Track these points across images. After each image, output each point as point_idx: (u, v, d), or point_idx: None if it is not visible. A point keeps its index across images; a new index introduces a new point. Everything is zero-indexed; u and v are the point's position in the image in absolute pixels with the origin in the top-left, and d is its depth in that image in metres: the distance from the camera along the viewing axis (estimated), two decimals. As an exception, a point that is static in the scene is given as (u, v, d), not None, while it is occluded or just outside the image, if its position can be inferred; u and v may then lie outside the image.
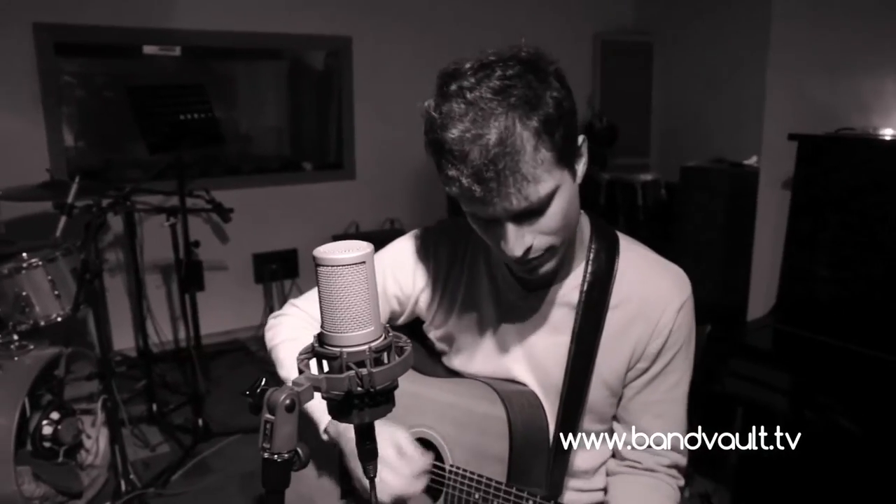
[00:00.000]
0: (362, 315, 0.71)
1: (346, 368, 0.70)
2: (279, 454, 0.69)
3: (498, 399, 1.17)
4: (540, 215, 0.99)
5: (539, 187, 0.95)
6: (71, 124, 4.25)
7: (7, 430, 2.30)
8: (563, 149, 0.96)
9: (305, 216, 4.74)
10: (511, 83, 0.93)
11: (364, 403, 0.72)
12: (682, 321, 1.15)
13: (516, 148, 0.92)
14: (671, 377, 1.18)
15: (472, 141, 0.92)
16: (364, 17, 4.71)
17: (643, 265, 1.19)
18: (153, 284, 4.16)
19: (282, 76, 5.15)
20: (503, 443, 1.15)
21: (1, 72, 3.67)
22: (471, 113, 0.92)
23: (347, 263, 0.69)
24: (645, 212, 4.44)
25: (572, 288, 1.18)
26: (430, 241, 1.30)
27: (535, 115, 0.93)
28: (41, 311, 2.68)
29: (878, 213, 2.19)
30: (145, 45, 4.38)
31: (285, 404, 0.68)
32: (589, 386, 1.18)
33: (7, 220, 3.18)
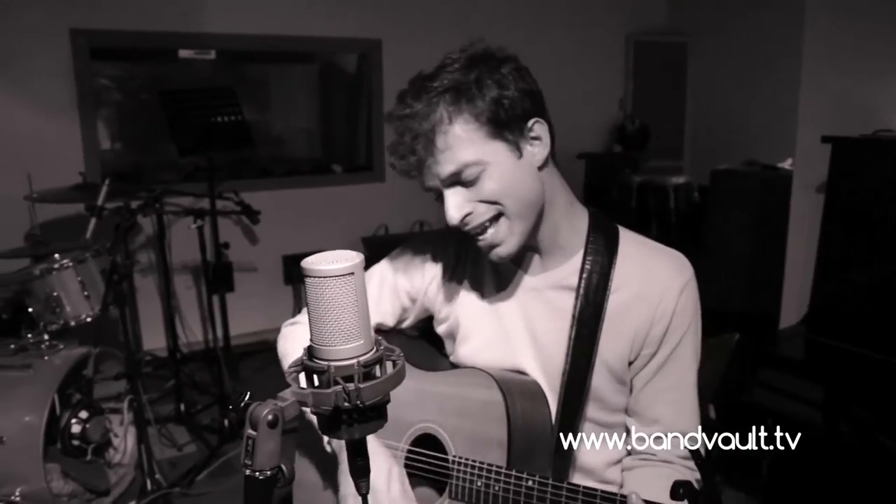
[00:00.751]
0: (351, 328, 0.69)
1: (334, 383, 0.69)
2: (261, 471, 0.68)
3: (494, 384, 1.17)
4: (472, 185, 1.09)
5: (455, 155, 1.07)
6: (109, 127, 4.34)
7: (36, 428, 2.34)
8: (494, 126, 1.07)
9: (335, 218, 4.76)
10: (450, 73, 1.08)
11: (353, 419, 0.70)
12: (685, 303, 1.16)
13: (432, 125, 1.06)
14: (680, 364, 1.17)
15: (400, 121, 1.08)
16: (394, 19, 4.71)
17: (643, 250, 1.21)
18: (184, 285, 4.22)
19: (313, 79, 5.19)
20: (501, 427, 1.14)
21: (39, 77, 3.76)
22: (408, 99, 1.08)
23: (335, 275, 0.68)
24: (677, 215, 4.35)
25: (571, 272, 1.20)
26: (439, 239, 1.35)
27: (460, 98, 1.06)
28: (71, 312, 2.72)
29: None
30: (180, 49, 4.46)
31: (267, 420, 0.66)
32: (591, 370, 1.18)
33: (42, 221, 3.25)
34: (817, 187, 2.53)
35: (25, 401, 2.39)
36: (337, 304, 0.68)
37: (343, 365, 0.69)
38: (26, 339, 2.61)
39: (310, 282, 0.68)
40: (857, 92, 2.46)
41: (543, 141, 1.14)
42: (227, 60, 4.71)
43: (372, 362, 0.70)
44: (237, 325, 3.95)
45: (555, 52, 5.28)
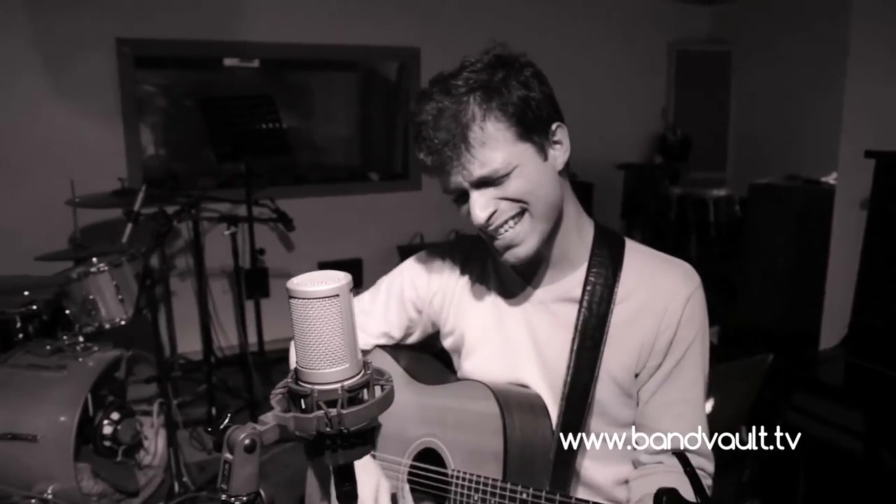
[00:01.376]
0: (336, 351, 0.68)
1: (317, 408, 0.67)
2: (237, 497, 0.66)
3: (491, 395, 1.16)
4: (500, 184, 1.08)
5: (490, 155, 1.06)
6: (153, 133, 4.44)
7: (68, 428, 2.39)
8: (523, 127, 1.07)
9: (371, 226, 4.78)
10: (475, 73, 1.07)
11: (337, 445, 0.69)
12: (691, 314, 1.14)
13: (466, 121, 1.05)
14: (686, 375, 1.16)
15: (431, 117, 1.07)
16: (432, 28, 4.72)
17: (649, 261, 1.20)
18: (220, 290, 4.28)
19: (354, 87, 5.23)
20: (497, 439, 1.13)
21: (84, 85, 3.87)
22: (436, 97, 1.08)
23: (320, 297, 0.66)
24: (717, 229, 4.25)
25: (576, 284, 1.19)
26: (445, 251, 1.36)
27: (491, 97, 1.06)
28: (106, 315, 2.78)
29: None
30: (224, 57, 4.55)
31: (244, 444, 0.65)
32: (595, 382, 1.16)
33: (84, 226, 3.33)
34: (861, 203, 2.43)
35: (59, 401, 2.45)
36: (321, 326, 0.67)
37: (327, 389, 0.68)
38: (62, 340, 2.67)
39: (294, 303, 0.67)
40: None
41: (564, 145, 1.14)
42: (270, 68, 4.78)
43: (357, 387, 0.69)
44: (272, 331, 3.98)
45: (596, 61, 5.22)
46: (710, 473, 1.18)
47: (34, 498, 2.39)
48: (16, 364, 2.55)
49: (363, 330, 1.40)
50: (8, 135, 3.74)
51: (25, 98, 3.76)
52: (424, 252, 1.40)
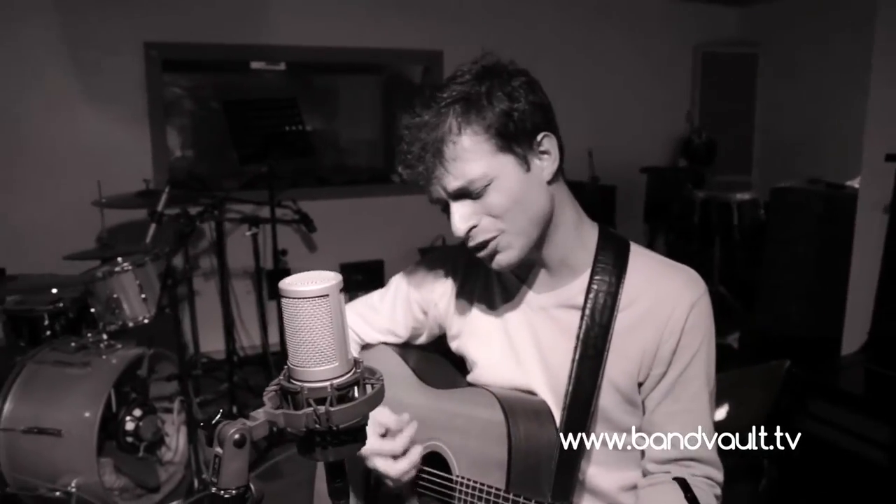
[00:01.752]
0: (325, 350, 0.69)
1: (306, 405, 0.68)
2: (226, 490, 0.68)
3: (496, 403, 1.16)
4: (478, 197, 1.08)
5: (464, 168, 1.06)
6: (182, 135, 4.52)
7: (91, 423, 2.45)
8: (503, 139, 1.07)
9: (393, 228, 4.80)
10: (460, 85, 1.08)
11: (327, 442, 0.70)
12: (696, 321, 1.13)
13: (441, 135, 1.06)
14: (692, 385, 1.14)
15: (409, 131, 1.08)
16: (455, 31, 4.74)
17: (653, 267, 1.19)
18: (244, 290, 4.34)
19: (378, 90, 5.27)
20: (502, 448, 1.13)
21: (112, 88, 3.96)
22: (418, 109, 1.09)
23: (309, 296, 0.68)
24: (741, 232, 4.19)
25: (578, 291, 1.18)
26: (452, 255, 1.36)
27: (470, 109, 1.06)
28: (129, 313, 2.84)
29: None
30: (249, 60, 4.62)
31: (234, 439, 0.66)
32: (598, 390, 1.15)
33: (110, 226, 3.40)
34: (883, 207, 2.39)
35: (83, 397, 2.50)
36: (311, 325, 0.68)
37: (316, 387, 0.69)
38: (87, 337, 2.73)
39: (285, 302, 0.69)
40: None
41: (552, 155, 1.12)
42: (296, 71, 4.84)
43: (347, 385, 0.70)
44: (292, 331, 4.03)
45: (620, 64, 5.20)
46: (718, 482, 1.17)
47: (59, 490, 2.44)
48: (42, 360, 2.62)
49: (370, 325, 1.42)
50: (38, 137, 3.84)
51: (55, 101, 3.86)
52: (432, 255, 1.41)
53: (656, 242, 5.10)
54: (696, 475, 1.14)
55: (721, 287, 4.16)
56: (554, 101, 1.16)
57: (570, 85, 4.94)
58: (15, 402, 2.51)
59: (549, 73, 1.09)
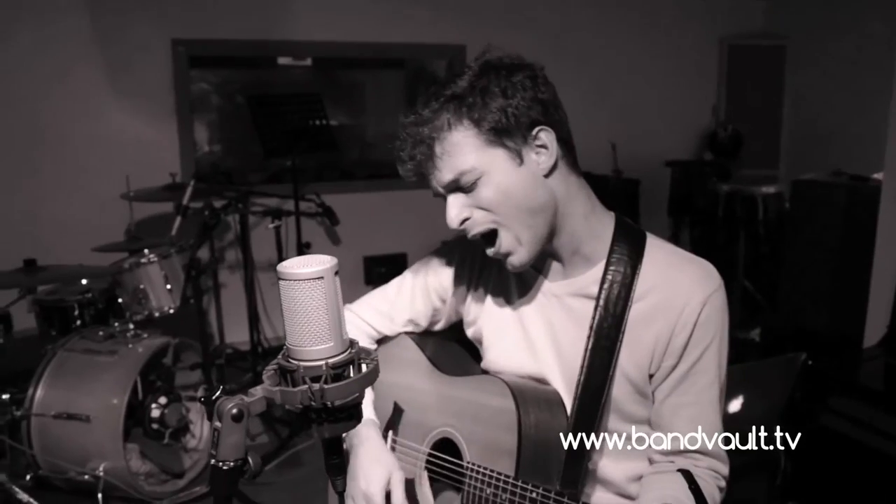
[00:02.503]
0: (321, 330, 0.72)
1: (302, 382, 0.71)
2: (224, 462, 0.71)
3: (508, 391, 1.18)
4: (470, 190, 1.11)
5: (453, 162, 1.09)
6: (210, 130, 4.60)
7: (118, 410, 2.53)
8: (494, 134, 1.09)
9: (416, 221, 4.82)
10: (458, 82, 1.11)
11: (322, 418, 0.73)
12: (709, 315, 1.13)
13: (431, 132, 1.09)
14: (703, 378, 1.15)
15: (405, 128, 1.13)
16: (477, 25, 4.74)
17: (668, 259, 1.19)
18: (269, 282, 4.39)
19: (402, 85, 5.30)
20: (512, 436, 1.14)
21: (141, 84, 4.04)
22: (417, 107, 1.13)
23: (305, 278, 0.71)
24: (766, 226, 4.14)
25: (593, 281, 1.19)
26: (469, 243, 1.34)
27: (462, 105, 1.09)
28: (155, 304, 2.92)
29: None
30: (275, 56, 4.68)
31: (231, 413, 0.70)
32: (610, 381, 1.16)
33: (139, 219, 3.48)
34: (908, 200, 2.36)
35: (110, 384, 2.59)
36: (306, 306, 0.71)
37: (312, 365, 0.72)
38: (114, 327, 2.81)
39: (282, 284, 0.72)
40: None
41: (550, 149, 1.13)
42: (322, 67, 4.89)
43: (342, 364, 0.73)
44: (316, 323, 4.08)
45: (645, 56, 5.15)
46: (723, 476, 1.18)
47: (87, 474, 2.53)
48: (72, 348, 2.71)
49: (390, 320, 1.43)
50: (69, 132, 3.93)
51: (85, 96, 3.95)
52: (449, 244, 1.42)
53: (681, 236, 5.05)
54: (701, 467, 1.15)
55: (746, 281, 4.11)
56: (576, 93, 1.16)
57: (594, 78, 4.91)
58: (46, 389, 2.60)
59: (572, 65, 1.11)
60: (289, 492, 2.84)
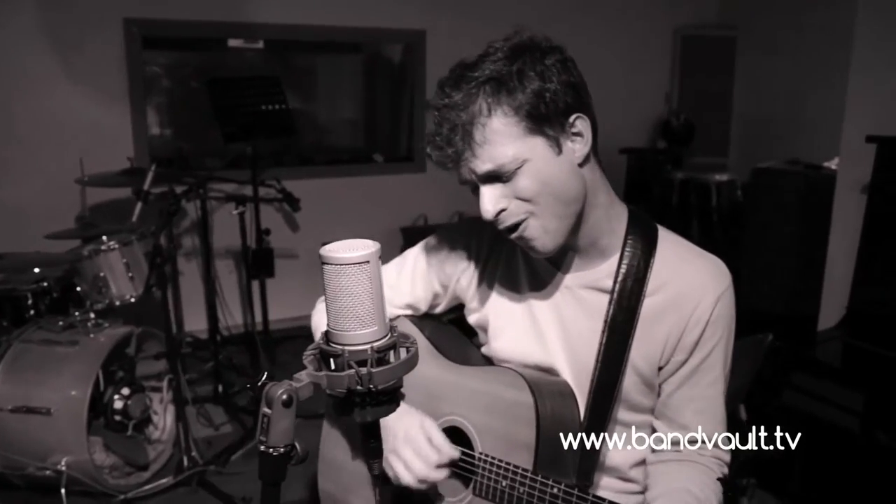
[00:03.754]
0: (366, 314, 0.72)
1: (348, 367, 0.71)
2: (275, 448, 0.71)
3: (525, 386, 1.17)
4: (508, 180, 1.07)
5: (494, 151, 1.04)
6: (159, 114, 4.46)
7: (81, 402, 2.45)
8: (534, 121, 1.04)
9: (375, 207, 4.80)
10: (492, 63, 1.05)
11: (365, 402, 0.73)
12: (720, 313, 1.14)
13: (470, 116, 1.04)
14: (711, 372, 1.16)
15: (438, 111, 1.06)
16: (438, 11, 4.73)
17: (681, 255, 1.18)
18: (226, 270, 4.32)
19: (359, 69, 5.24)
20: (530, 430, 1.14)
21: (92, 64, 3.88)
22: (447, 89, 1.06)
23: (351, 262, 0.70)
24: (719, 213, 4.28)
25: (606, 274, 1.18)
26: (471, 227, 1.33)
27: (500, 90, 1.03)
28: (116, 292, 2.83)
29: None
30: (230, 38, 4.56)
31: (282, 399, 0.69)
32: (622, 374, 1.17)
33: (92, 204, 3.36)
34: (861, 188, 2.47)
35: (72, 375, 2.50)
36: (352, 290, 0.71)
37: (357, 350, 0.72)
38: (74, 316, 2.72)
39: (327, 269, 0.71)
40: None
41: (585, 137, 1.10)
42: (275, 50, 4.79)
43: (385, 348, 0.73)
44: (276, 311, 4.03)
45: (600, 44, 5.22)
46: (726, 462, 1.21)
47: (48, 469, 2.44)
48: (29, 339, 2.60)
49: (389, 303, 1.40)
50: (18, 114, 3.76)
51: (35, 77, 3.77)
52: (453, 228, 1.39)
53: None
54: (706, 456, 1.18)
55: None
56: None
57: (552, 66, 4.96)
58: (2, 382, 2.50)
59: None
60: (257, 481, 2.80)
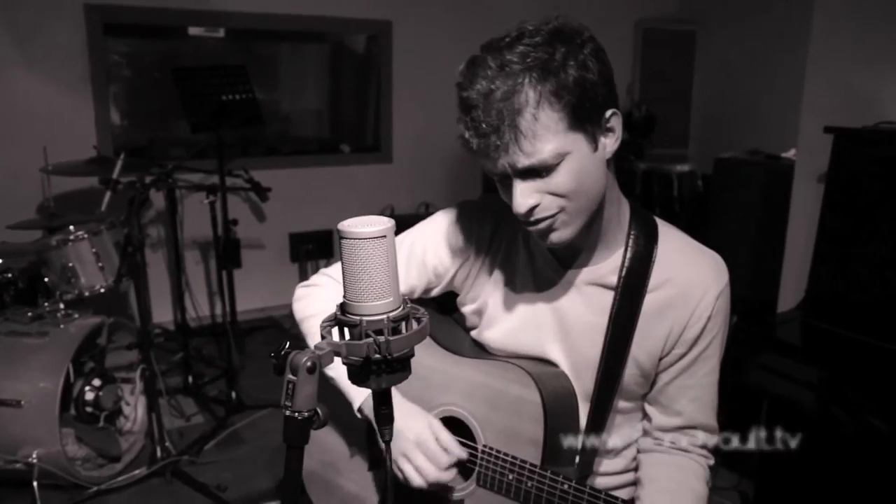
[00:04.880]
0: (382, 286, 0.75)
1: (366, 336, 0.74)
2: (300, 412, 0.74)
3: (532, 383, 1.18)
4: (546, 175, 1.03)
5: (539, 146, 1.00)
6: (118, 103, 4.38)
7: (52, 394, 2.42)
8: (576, 115, 1.00)
9: (342, 198, 4.81)
10: (532, 49, 0.99)
11: (381, 370, 0.76)
12: (720, 308, 1.16)
13: (519, 106, 0.98)
14: (707, 363, 1.19)
15: (481, 96, 0.99)
16: (405, 1, 4.74)
17: (682, 250, 1.20)
18: (193, 260, 4.28)
19: (323, 59, 5.22)
20: (538, 427, 1.16)
21: (53, 51, 3.80)
22: (489, 72, 0.99)
23: (369, 237, 0.74)
24: (681, 203, 4.40)
25: (611, 270, 1.19)
26: (471, 215, 1.31)
27: (547, 80, 0.98)
28: (86, 282, 2.79)
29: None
30: (190, 26, 4.49)
31: (307, 366, 0.72)
32: (624, 369, 1.19)
33: (56, 194, 3.29)
34: (818, 177, 2.57)
35: (42, 367, 2.47)
36: (370, 263, 0.74)
37: (374, 319, 0.75)
38: (42, 307, 2.68)
39: (346, 243, 0.74)
40: (863, 84, 2.50)
41: (616, 133, 1.09)
42: (236, 38, 4.74)
43: (400, 318, 0.76)
44: (244, 301, 4.01)
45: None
46: (712, 447, 1.25)
47: (19, 462, 2.41)
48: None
49: None
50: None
51: (-8, 63, 3.68)
52: (449, 214, 1.33)
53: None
54: (696, 444, 1.22)
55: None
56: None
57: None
58: (-31, 374, 2.45)
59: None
60: (231, 470, 2.81)
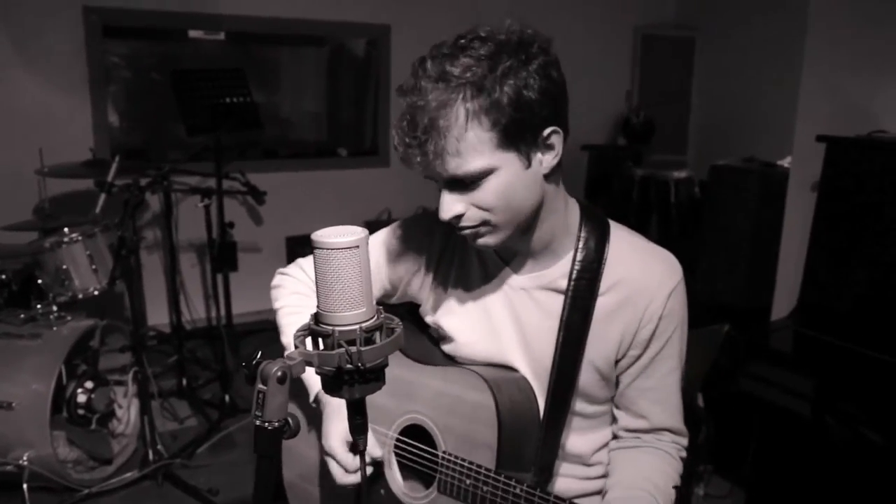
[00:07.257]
0: (355, 297, 0.75)
1: (338, 346, 0.74)
2: (269, 422, 0.74)
3: (486, 388, 1.19)
4: (471, 189, 1.05)
5: (464, 163, 1.01)
6: (117, 105, 4.39)
7: (44, 396, 2.42)
8: (508, 135, 1.01)
9: (339, 201, 4.81)
10: (475, 62, 0.99)
11: (354, 380, 0.76)
12: (673, 307, 1.16)
13: (447, 123, 0.99)
14: (665, 364, 1.19)
15: (413, 107, 1.01)
16: (403, 6, 4.75)
17: (633, 251, 1.20)
18: (188, 263, 4.28)
19: (322, 63, 5.22)
20: (492, 431, 1.17)
21: (51, 53, 3.80)
22: (424, 82, 1.01)
23: (341, 247, 0.74)
24: (678, 209, 4.41)
25: (561, 275, 1.19)
26: (426, 225, 1.32)
27: (479, 98, 0.99)
28: (79, 285, 2.79)
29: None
30: (191, 29, 4.50)
31: (277, 376, 0.72)
32: (579, 371, 1.20)
33: (52, 196, 3.30)
34: (812, 185, 2.57)
35: (34, 369, 2.47)
36: (342, 274, 0.74)
37: (346, 330, 0.75)
38: (35, 309, 2.68)
39: (318, 253, 0.74)
40: (857, 93, 2.50)
41: (556, 150, 1.09)
42: (236, 41, 4.75)
43: (373, 328, 0.76)
44: (240, 304, 4.01)
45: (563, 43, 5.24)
46: (685, 447, 1.26)
47: (10, 464, 2.41)
48: (-11, 332, 2.56)
49: None
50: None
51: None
52: (405, 224, 1.35)
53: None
54: (665, 441, 1.23)
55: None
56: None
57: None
58: (-39, 375, 2.45)
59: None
60: (224, 473, 2.81)
